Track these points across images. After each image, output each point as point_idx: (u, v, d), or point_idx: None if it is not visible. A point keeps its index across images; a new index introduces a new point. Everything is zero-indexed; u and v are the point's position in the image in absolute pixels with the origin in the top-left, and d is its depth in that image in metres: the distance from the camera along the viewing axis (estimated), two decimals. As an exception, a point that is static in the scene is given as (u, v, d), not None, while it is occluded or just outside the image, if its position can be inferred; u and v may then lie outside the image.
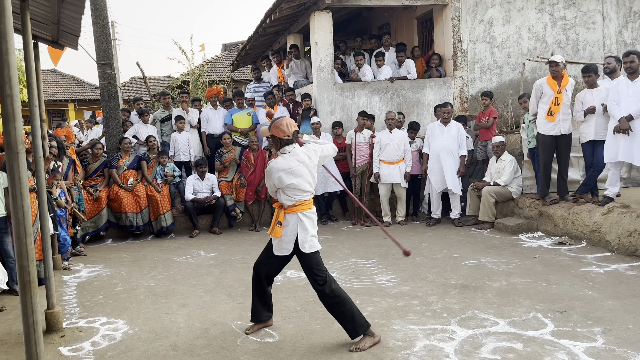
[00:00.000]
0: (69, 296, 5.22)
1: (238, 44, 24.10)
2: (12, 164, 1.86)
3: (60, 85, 28.41)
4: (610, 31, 9.79)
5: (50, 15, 4.83)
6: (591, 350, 3.48)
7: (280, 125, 3.66)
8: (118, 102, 8.92)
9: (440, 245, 6.66)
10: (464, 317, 4.17)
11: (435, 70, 9.52)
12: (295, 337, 3.92)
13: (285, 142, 3.69)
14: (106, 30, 8.61)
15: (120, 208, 7.83)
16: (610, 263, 5.52)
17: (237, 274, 5.73)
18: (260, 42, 12.46)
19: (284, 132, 3.65)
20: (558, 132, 6.71)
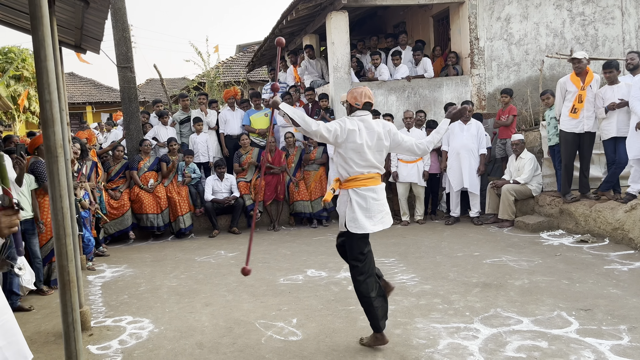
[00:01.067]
0: (94, 296, 5.32)
1: (252, 45, 24.23)
2: (52, 167, 1.92)
3: (78, 89, 28.82)
4: (630, 26, 9.66)
5: (74, 20, 4.93)
6: (617, 348, 3.46)
7: (354, 92, 3.65)
8: (138, 104, 9.05)
9: (460, 244, 6.64)
10: (487, 315, 4.17)
11: (452, 68, 9.48)
12: (319, 335, 3.95)
13: (354, 109, 3.65)
14: (126, 33, 8.73)
15: (141, 209, 7.95)
16: (634, 261, 5.46)
17: (258, 274, 5.78)
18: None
19: (355, 99, 3.63)
20: (582, 130, 6.65)
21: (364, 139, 3.54)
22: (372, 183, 3.59)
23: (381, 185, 3.65)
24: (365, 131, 3.56)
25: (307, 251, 6.73)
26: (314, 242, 7.25)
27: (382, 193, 3.66)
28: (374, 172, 3.62)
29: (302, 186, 8.49)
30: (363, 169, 3.58)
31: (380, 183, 3.66)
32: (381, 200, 3.63)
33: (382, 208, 3.63)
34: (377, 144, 3.59)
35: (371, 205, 3.56)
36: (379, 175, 3.66)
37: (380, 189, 3.64)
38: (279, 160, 8.56)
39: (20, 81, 23.90)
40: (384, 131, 3.62)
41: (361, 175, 3.58)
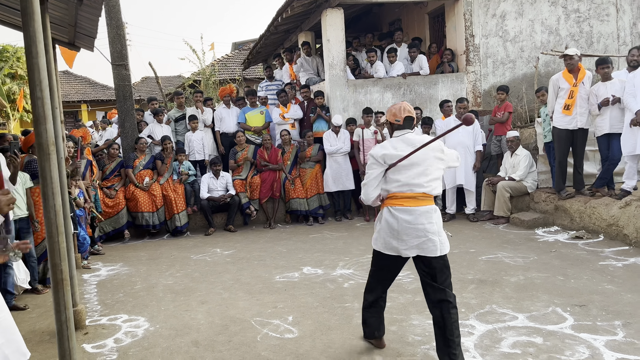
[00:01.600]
0: (89, 294, 5.30)
1: (248, 43, 24.18)
2: (44, 164, 1.91)
3: (72, 87, 28.70)
4: (625, 23, 9.68)
5: (68, 18, 4.91)
6: (612, 343, 3.48)
7: (393, 108, 3.42)
8: (133, 102, 9.01)
9: (456, 241, 6.65)
10: (482, 311, 4.18)
11: (448, 65, 9.49)
12: (315, 332, 3.95)
13: (395, 126, 3.41)
14: (120, 31, 8.69)
15: (136, 207, 7.92)
16: (629, 257, 5.49)
17: (254, 271, 5.77)
18: (272, 40, 12.49)
19: (395, 115, 3.39)
20: (575, 126, 6.66)
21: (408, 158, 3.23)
22: (410, 204, 3.24)
23: (423, 208, 3.24)
24: (411, 149, 3.23)
25: (303, 249, 6.73)
26: (310, 240, 7.25)
27: (423, 217, 3.22)
28: (416, 192, 3.25)
29: (298, 184, 8.48)
30: (402, 187, 3.27)
31: (422, 205, 3.24)
32: (418, 225, 3.21)
33: (419, 233, 3.21)
34: (425, 161, 3.25)
35: (402, 227, 3.24)
36: (423, 196, 3.25)
37: (421, 212, 3.23)
38: (275, 158, 8.55)
39: (15, 79, 23.78)
40: (432, 146, 3.27)
41: (399, 194, 3.28)
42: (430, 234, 3.21)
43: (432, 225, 3.22)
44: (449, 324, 3.15)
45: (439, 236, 3.24)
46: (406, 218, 3.23)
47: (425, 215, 3.23)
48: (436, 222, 3.25)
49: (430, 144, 3.25)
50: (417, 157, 3.24)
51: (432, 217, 3.25)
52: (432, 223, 3.23)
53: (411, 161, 3.24)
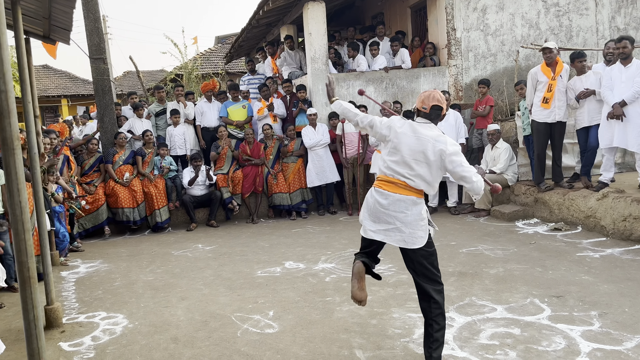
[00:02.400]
0: (67, 292, 5.22)
1: (231, 37, 23.98)
2: (9, 160, 1.86)
3: (52, 81, 28.20)
4: (603, 17, 9.78)
5: (41, 10, 4.80)
6: (588, 333, 3.52)
7: (422, 95, 3.27)
8: (112, 96, 8.87)
9: (438, 234, 6.61)
10: (462, 304, 4.21)
11: (430, 59, 9.50)
12: (295, 327, 3.94)
13: (422, 114, 3.25)
14: (98, 24, 8.54)
15: (116, 203, 7.82)
16: (606, 248, 5.57)
17: (236, 267, 5.75)
18: (254, 34, 12.40)
19: (423, 102, 3.24)
20: (554, 119, 6.72)
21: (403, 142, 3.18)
22: (388, 188, 3.18)
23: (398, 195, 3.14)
24: (412, 136, 3.17)
25: (286, 243, 6.71)
26: (293, 235, 7.23)
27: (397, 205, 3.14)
28: (396, 179, 3.17)
29: (280, 178, 8.45)
30: (386, 169, 3.23)
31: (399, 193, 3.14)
32: (389, 211, 3.15)
33: (389, 220, 3.15)
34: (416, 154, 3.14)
35: (375, 209, 3.20)
36: (403, 185, 3.15)
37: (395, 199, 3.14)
38: (258, 152, 8.50)
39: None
40: (433, 146, 3.12)
41: (383, 176, 3.25)
42: (399, 223, 3.13)
43: (404, 216, 3.12)
44: (428, 317, 3.14)
45: (411, 228, 3.12)
46: (381, 201, 3.18)
47: (398, 203, 3.14)
48: (411, 214, 3.13)
49: (426, 144, 3.11)
50: (409, 146, 3.15)
51: (408, 207, 3.13)
52: (405, 213, 3.12)
53: (402, 148, 3.16)
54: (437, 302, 3.14)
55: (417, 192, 3.17)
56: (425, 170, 3.14)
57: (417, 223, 3.14)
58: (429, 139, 3.13)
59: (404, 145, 3.16)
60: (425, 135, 3.15)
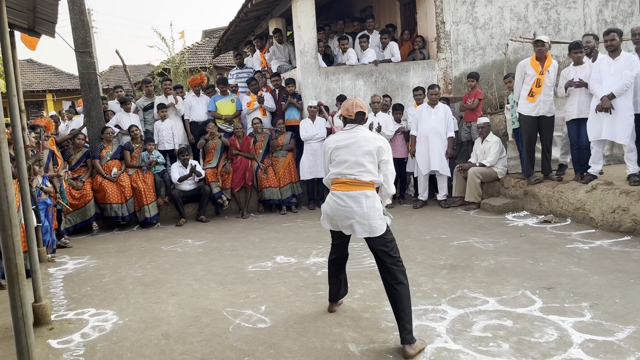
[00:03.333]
0: (55, 289, 5.15)
1: (218, 30, 23.79)
2: (-6, 153, 1.81)
3: (37, 76, 27.79)
4: (591, 10, 9.84)
5: (26, 2, 4.70)
6: (579, 325, 3.54)
7: (346, 104, 3.72)
8: (99, 91, 8.75)
9: (428, 227, 6.70)
10: (454, 296, 4.21)
11: (419, 52, 9.49)
12: (288, 322, 3.92)
13: (348, 120, 3.68)
14: (83, 17, 8.40)
15: (104, 199, 7.73)
16: (595, 239, 5.61)
17: (226, 262, 5.71)
18: (242, 27, 12.29)
19: (347, 110, 3.67)
20: (538, 113, 6.75)
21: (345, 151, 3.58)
22: (341, 188, 3.56)
23: (352, 192, 3.51)
24: (351, 142, 3.57)
25: (276, 238, 6.68)
26: (283, 229, 7.20)
27: (351, 201, 3.50)
28: (347, 178, 3.56)
29: (270, 173, 8.40)
30: (337, 175, 3.62)
31: (352, 190, 3.52)
32: (346, 208, 3.52)
33: (348, 215, 3.51)
34: (358, 155, 3.54)
35: (334, 209, 3.60)
36: (353, 182, 3.53)
37: (350, 196, 3.51)
38: (247, 147, 8.45)
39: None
40: (372, 143, 3.55)
41: (335, 179, 3.64)
42: (357, 217, 3.48)
43: (361, 209, 3.47)
44: (396, 298, 3.40)
45: (369, 219, 3.47)
46: (337, 200, 3.57)
47: (353, 199, 3.50)
48: (366, 206, 3.47)
49: (365, 143, 3.54)
50: (347, 147, 3.57)
51: (362, 201, 3.48)
52: (361, 207, 3.47)
53: (343, 152, 3.58)
54: (402, 283, 3.44)
55: (366, 185, 3.54)
56: (367, 163, 3.54)
57: (374, 213, 3.49)
58: (367, 138, 3.57)
59: (347, 152, 3.57)
60: (362, 136, 3.59)
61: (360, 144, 3.56)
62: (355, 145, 3.56)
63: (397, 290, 3.40)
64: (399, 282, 3.42)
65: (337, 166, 3.61)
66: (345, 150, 3.58)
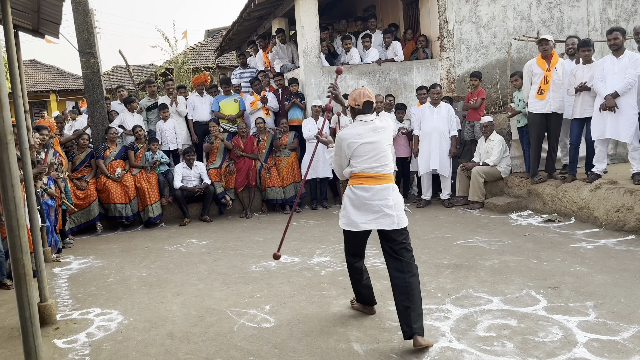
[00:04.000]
0: (60, 288, 5.17)
1: (221, 30, 23.81)
2: (2, 155, 1.82)
3: (40, 76, 27.87)
4: (595, 8, 9.81)
5: (30, 3, 4.71)
6: (584, 324, 3.54)
7: (353, 93, 3.68)
8: (102, 91, 8.77)
9: (432, 226, 6.70)
10: (458, 296, 4.21)
11: (422, 51, 9.49)
12: (292, 321, 3.93)
13: (357, 110, 3.67)
14: (87, 18, 8.43)
15: (108, 199, 7.75)
16: (599, 238, 5.60)
17: (230, 261, 5.72)
18: (245, 27, 12.30)
19: (355, 100, 3.64)
20: (549, 110, 6.74)
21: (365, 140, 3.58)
22: (369, 182, 3.57)
23: (380, 186, 3.56)
24: (368, 133, 3.58)
25: (280, 237, 6.67)
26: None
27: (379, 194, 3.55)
28: (374, 172, 3.58)
29: (273, 172, 8.41)
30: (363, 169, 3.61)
31: (380, 184, 3.56)
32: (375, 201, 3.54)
33: (376, 209, 3.54)
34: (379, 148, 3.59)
35: (361, 203, 3.58)
36: (381, 176, 3.58)
37: (377, 189, 3.55)
38: (251, 146, 8.46)
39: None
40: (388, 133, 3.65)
41: (360, 173, 3.61)
42: (386, 209, 3.53)
43: (388, 201, 3.53)
44: (409, 290, 3.42)
45: (396, 211, 3.54)
46: (365, 195, 3.57)
47: (382, 192, 3.55)
48: (393, 199, 3.55)
49: (381, 126, 3.61)
50: (373, 143, 3.57)
51: (389, 194, 3.56)
52: (387, 199, 3.53)
53: (369, 148, 3.57)
54: (416, 275, 3.52)
55: (390, 178, 3.64)
56: (388, 151, 3.64)
57: (400, 205, 3.60)
58: (385, 129, 3.62)
59: (371, 147, 3.57)
60: (381, 127, 3.62)
61: (381, 137, 3.58)
62: (377, 140, 3.57)
63: (413, 281, 3.45)
64: (413, 274, 3.49)
65: (364, 161, 3.57)
66: (368, 146, 3.55)
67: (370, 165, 3.57)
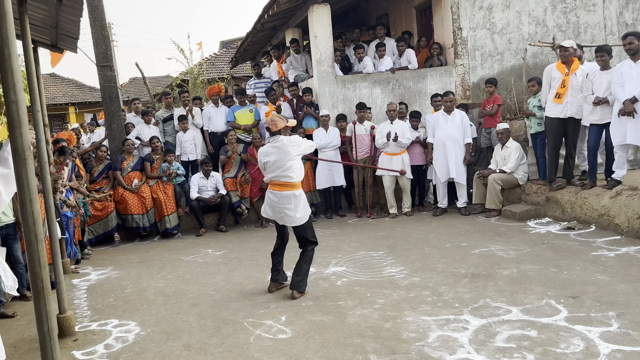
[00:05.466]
0: (79, 300, 5.22)
1: (236, 41, 24.05)
2: (20, 170, 1.85)
3: (59, 89, 28.41)
4: (611, 12, 9.70)
5: (49, 19, 4.81)
6: (606, 334, 3.46)
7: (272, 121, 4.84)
8: (119, 103, 8.90)
9: (448, 235, 6.63)
10: (476, 306, 4.16)
11: (437, 59, 9.46)
12: (308, 332, 3.91)
13: (274, 133, 4.81)
14: (104, 32, 8.57)
15: (126, 210, 7.83)
16: (621, 246, 5.49)
17: (247, 271, 5.72)
18: (259, 38, 12.41)
19: (277, 126, 4.80)
20: (566, 115, 6.65)
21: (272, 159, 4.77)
22: (277, 189, 4.78)
23: (284, 193, 4.72)
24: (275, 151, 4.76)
25: (295, 247, 6.58)
26: (302, 238, 7.18)
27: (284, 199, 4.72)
28: (281, 181, 4.75)
29: (288, 182, 8.41)
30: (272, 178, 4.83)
31: (284, 191, 4.73)
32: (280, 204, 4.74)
33: (280, 209, 4.75)
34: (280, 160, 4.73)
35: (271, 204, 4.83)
36: (285, 184, 4.74)
37: (283, 195, 4.73)
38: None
39: (0, 83, 23.46)
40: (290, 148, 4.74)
41: (272, 182, 4.85)
42: (287, 211, 4.71)
43: (290, 205, 4.70)
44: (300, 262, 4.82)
45: (296, 212, 4.70)
46: (273, 199, 4.77)
47: (285, 198, 4.70)
48: (294, 202, 4.70)
49: (287, 142, 4.72)
50: (279, 157, 4.70)
51: (291, 199, 4.70)
52: (290, 204, 4.70)
53: (275, 162, 4.72)
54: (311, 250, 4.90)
55: (295, 186, 4.75)
56: (294, 161, 4.74)
57: (300, 207, 4.75)
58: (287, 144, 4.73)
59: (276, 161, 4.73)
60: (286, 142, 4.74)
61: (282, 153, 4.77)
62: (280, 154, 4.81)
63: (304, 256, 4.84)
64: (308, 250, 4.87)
65: (271, 172, 4.82)
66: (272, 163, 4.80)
67: (278, 176, 4.78)
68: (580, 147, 7.08)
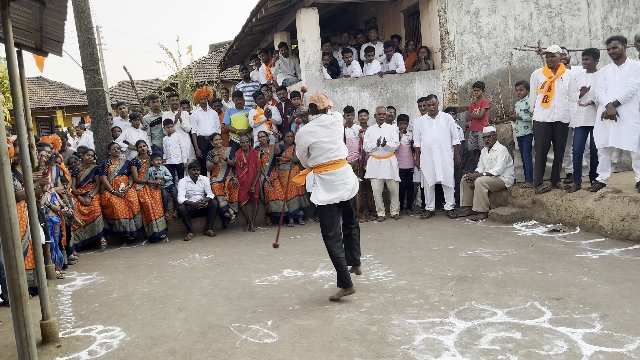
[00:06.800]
0: (64, 305, 5.17)
1: (225, 45, 23.98)
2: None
3: (47, 93, 28.16)
4: (596, 17, 9.81)
5: (33, 23, 4.77)
6: (589, 336, 3.49)
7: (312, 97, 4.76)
8: (106, 107, 8.84)
9: (436, 238, 6.66)
10: (462, 309, 4.17)
11: (424, 63, 9.51)
12: (294, 336, 3.90)
13: (317, 111, 4.69)
14: (91, 35, 8.52)
15: (112, 214, 7.77)
16: (605, 248, 5.55)
17: (234, 276, 5.70)
18: (248, 42, 12.40)
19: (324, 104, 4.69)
20: (553, 119, 6.71)
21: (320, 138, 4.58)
22: (332, 168, 4.59)
23: (341, 169, 4.60)
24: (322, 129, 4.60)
25: (283, 251, 6.67)
26: (290, 242, 7.19)
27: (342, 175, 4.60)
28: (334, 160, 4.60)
29: (277, 185, 8.41)
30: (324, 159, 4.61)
31: (340, 167, 4.60)
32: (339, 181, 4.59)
33: (340, 186, 4.59)
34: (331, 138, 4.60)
35: (330, 184, 4.60)
36: (340, 161, 4.63)
37: (340, 171, 4.59)
38: (254, 160, 8.47)
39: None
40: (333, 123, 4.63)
41: (324, 163, 4.62)
42: (347, 184, 4.61)
43: (348, 179, 4.62)
44: (357, 238, 4.85)
45: (355, 181, 4.68)
46: (332, 178, 4.58)
47: (343, 173, 4.61)
48: (350, 174, 4.66)
49: (335, 120, 4.63)
50: (329, 136, 4.57)
51: (347, 172, 4.65)
52: (348, 177, 4.63)
53: (326, 141, 4.56)
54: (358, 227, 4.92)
55: (345, 160, 4.70)
56: (340, 138, 4.69)
57: (355, 178, 4.73)
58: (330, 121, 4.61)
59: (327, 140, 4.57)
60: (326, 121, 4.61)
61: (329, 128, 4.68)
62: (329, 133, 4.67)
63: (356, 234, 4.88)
64: (357, 226, 4.90)
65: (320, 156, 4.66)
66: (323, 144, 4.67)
67: (330, 156, 4.58)
68: (567, 150, 7.15)
